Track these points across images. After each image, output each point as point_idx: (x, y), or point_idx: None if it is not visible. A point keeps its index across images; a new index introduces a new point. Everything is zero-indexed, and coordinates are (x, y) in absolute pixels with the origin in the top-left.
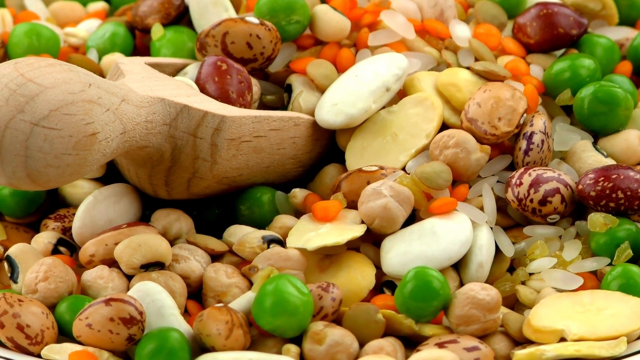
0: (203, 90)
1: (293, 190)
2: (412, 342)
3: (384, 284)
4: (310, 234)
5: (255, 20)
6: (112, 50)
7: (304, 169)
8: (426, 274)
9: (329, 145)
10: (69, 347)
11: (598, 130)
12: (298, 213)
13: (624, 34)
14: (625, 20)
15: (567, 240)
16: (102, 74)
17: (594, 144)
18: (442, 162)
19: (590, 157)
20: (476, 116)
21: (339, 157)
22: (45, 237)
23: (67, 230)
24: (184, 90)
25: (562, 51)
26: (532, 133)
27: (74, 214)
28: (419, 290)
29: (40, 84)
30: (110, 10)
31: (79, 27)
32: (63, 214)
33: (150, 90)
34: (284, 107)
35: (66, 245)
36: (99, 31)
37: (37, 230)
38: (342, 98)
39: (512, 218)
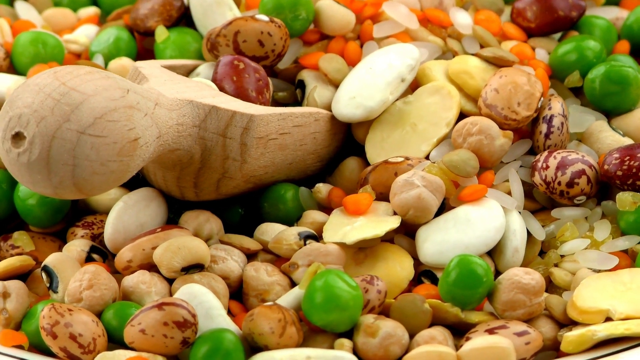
0: (221, 90)
1: (317, 185)
2: (457, 331)
3: (422, 273)
4: (346, 228)
5: (265, 18)
6: (118, 55)
7: (322, 164)
8: (469, 261)
9: (345, 139)
10: (122, 354)
11: (610, 111)
12: (321, 208)
13: (614, 13)
14: (610, 0)
15: (594, 220)
16: None
17: (608, 124)
18: (467, 150)
19: (609, 137)
20: (495, 102)
21: (354, 150)
22: (78, 245)
23: (95, 237)
24: (208, 91)
25: (559, 34)
26: (551, 116)
27: (101, 221)
28: (463, 277)
29: (82, 92)
30: (102, 15)
31: (75, 33)
32: (91, 221)
33: (177, 92)
34: (297, 103)
35: (98, 252)
36: (101, 36)
37: (63, 239)
38: (360, 91)
39: (537, 202)
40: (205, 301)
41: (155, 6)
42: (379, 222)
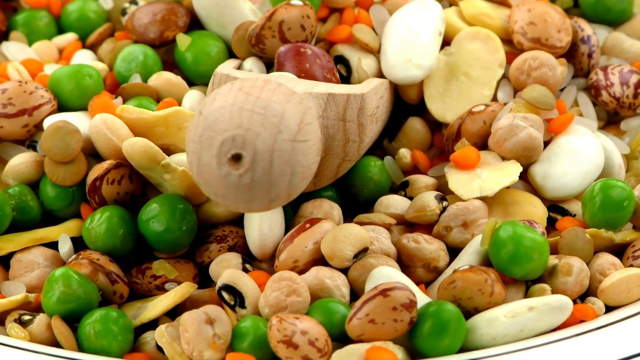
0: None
1: (400, 151)
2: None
3: (548, 209)
4: (476, 182)
5: (300, 2)
6: (153, 71)
7: (380, 130)
8: (610, 185)
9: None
10: (355, 348)
11: (611, 22)
12: (405, 173)
13: None
14: None
15: None
16: (157, 96)
17: None
18: (539, 85)
19: (632, 46)
20: (538, 34)
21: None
22: (231, 259)
23: (232, 248)
24: (304, 82)
25: None
26: (588, 36)
27: (231, 231)
28: (609, 201)
29: (278, 101)
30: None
31: (75, 60)
32: (221, 235)
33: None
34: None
35: (246, 262)
36: (124, 56)
37: (192, 260)
38: (413, 52)
39: (601, 119)
40: (400, 280)
41: (165, 16)
42: (503, 169)
